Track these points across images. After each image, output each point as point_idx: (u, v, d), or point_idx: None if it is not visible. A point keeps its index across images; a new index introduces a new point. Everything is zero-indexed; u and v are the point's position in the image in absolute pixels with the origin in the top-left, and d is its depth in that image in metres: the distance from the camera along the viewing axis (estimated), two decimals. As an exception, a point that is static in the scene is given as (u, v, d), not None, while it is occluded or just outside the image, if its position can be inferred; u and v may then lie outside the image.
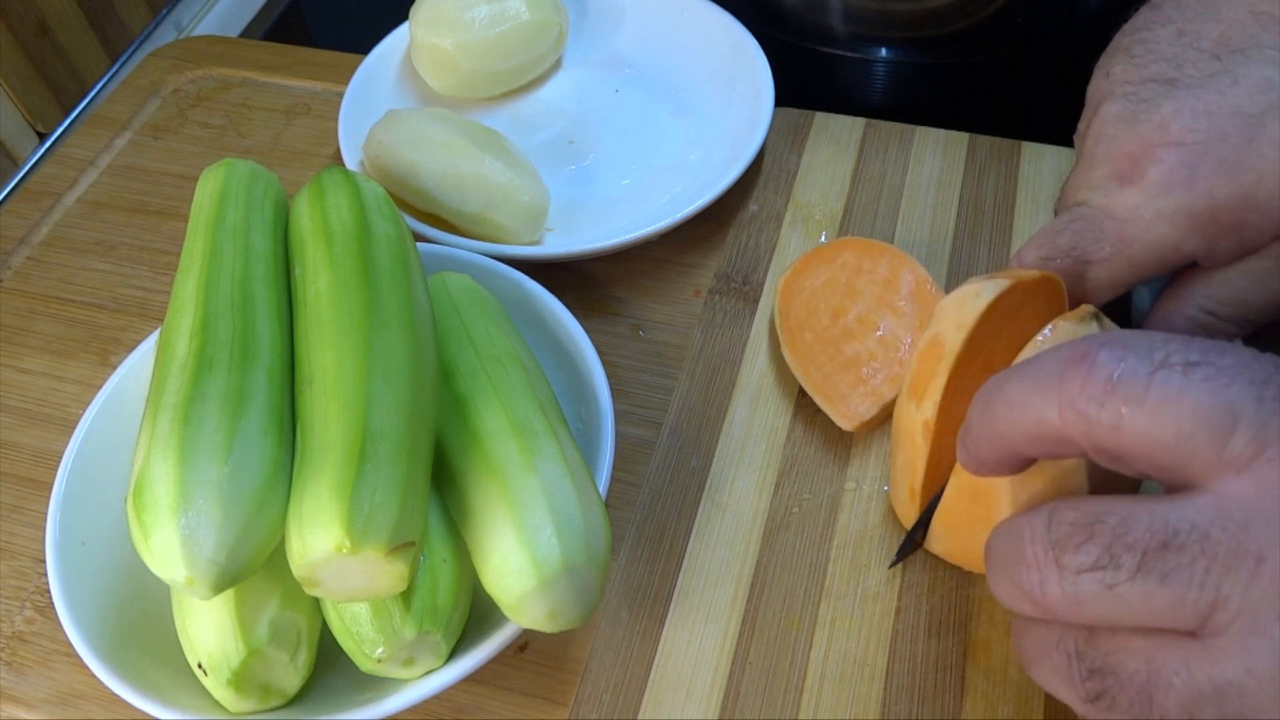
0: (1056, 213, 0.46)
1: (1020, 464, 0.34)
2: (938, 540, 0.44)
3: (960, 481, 0.41)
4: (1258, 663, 0.27)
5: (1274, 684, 0.27)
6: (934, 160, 0.61)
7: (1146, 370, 0.29)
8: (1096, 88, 0.47)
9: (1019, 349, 0.39)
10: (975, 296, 0.41)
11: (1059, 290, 0.43)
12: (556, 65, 0.70)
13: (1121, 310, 0.44)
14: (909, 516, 0.45)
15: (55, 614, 0.42)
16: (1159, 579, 0.28)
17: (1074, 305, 0.42)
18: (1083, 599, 0.30)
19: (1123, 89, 0.44)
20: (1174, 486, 0.30)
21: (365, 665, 0.39)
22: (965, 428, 0.35)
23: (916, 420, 0.42)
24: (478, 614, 0.42)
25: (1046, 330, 0.38)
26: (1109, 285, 0.43)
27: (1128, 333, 0.31)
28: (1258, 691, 0.27)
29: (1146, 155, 0.42)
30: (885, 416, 0.49)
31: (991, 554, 0.33)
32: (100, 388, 0.49)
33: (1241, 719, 0.28)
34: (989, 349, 0.42)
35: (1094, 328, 0.38)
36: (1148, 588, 0.28)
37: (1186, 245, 0.41)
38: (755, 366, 0.53)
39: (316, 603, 0.41)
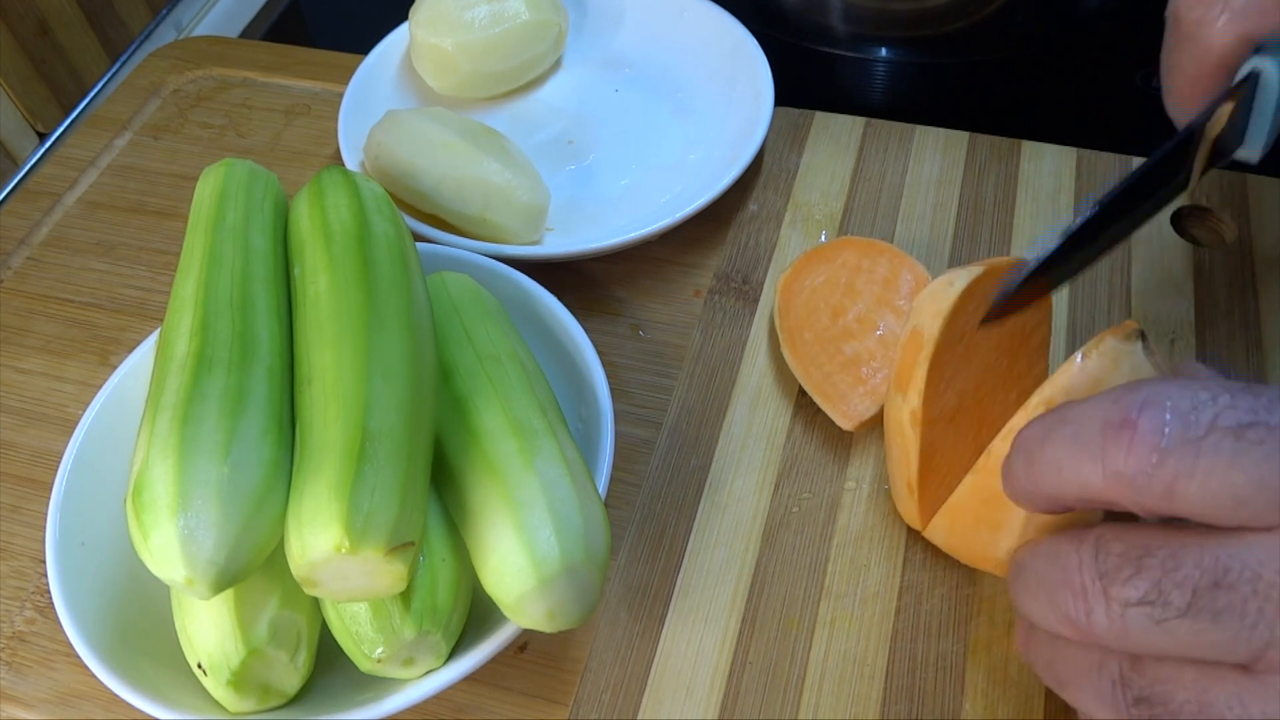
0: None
1: (1068, 509, 0.33)
2: (941, 533, 0.44)
3: (976, 483, 0.41)
4: None
5: None
6: (934, 159, 0.61)
7: (1195, 437, 0.28)
8: None
9: (1003, 333, 0.41)
10: (949, 285, 0.42)
11: None
12: (556, 65, 0.70)
13: (1245, 101, 0.42)
14: (910, 513, 0.45)
15: (55, 614, 0.42)
16: (1210, 617, 0.28)
17: (1257, 11, 0.41)
18: (1131, 632, 0.29)
19: None
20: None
21: (365, 665, 0.39)
22: (1008, 473, 0.34)
23: (904, 411, 0.43)
24: (478, 614, 0.42)
25: (1079, 356, 0.36)
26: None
27: (1168, 385, 0.29)
28: None
29: None
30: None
31: (1027, 573, 0.33)
32: (100, 388, 0.49)
33: None
34: (968, 334, 0.43)
35: (1137, 348, 0.36)
36: (1199, 625, 0.28)
37: None
38: (755, 366, 0.53)
39: (316, 603, 0.41)
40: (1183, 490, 0.28)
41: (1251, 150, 0.44)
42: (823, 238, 0.58)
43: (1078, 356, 0.36)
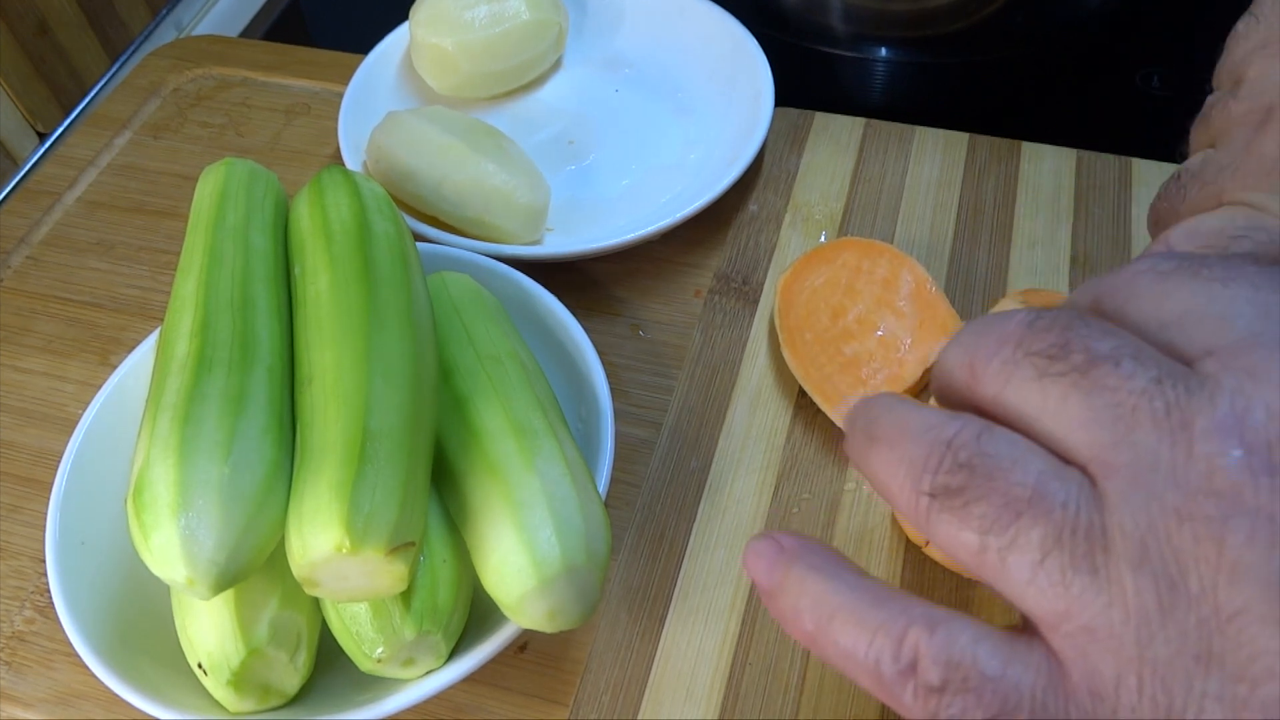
0: (1166, 196, 0.39)
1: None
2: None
3: None
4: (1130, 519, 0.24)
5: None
6: (934, 160, 0.61)
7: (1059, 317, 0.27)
8: (1275, 76, 0.37)
9: None
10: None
11: None
12: (556, 65, 0.70)
13: None
14: (912, 530, 0.45)
15: (55, 614, 0.42)
16: (1089, 389, 0.25)
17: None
18: (1015, 377, 0.26)
19: None
20: None
21: (365, 665, 0.39)
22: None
23: None
24: (478, 614, 0.42)
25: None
26: None
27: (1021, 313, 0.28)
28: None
29: None
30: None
31: (890, 448, 0.28)
32: (100, 387, 0.49)
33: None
34: None
35: None
36: (1080, 391, 0.25)
37: None
38: (755, 367, 0.53)
39: (316, 603, 0.41)
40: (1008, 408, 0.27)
41: None
42: (823, 238, 0.58)
43: None
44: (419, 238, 0.53)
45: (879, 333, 0.50)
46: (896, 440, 0.28)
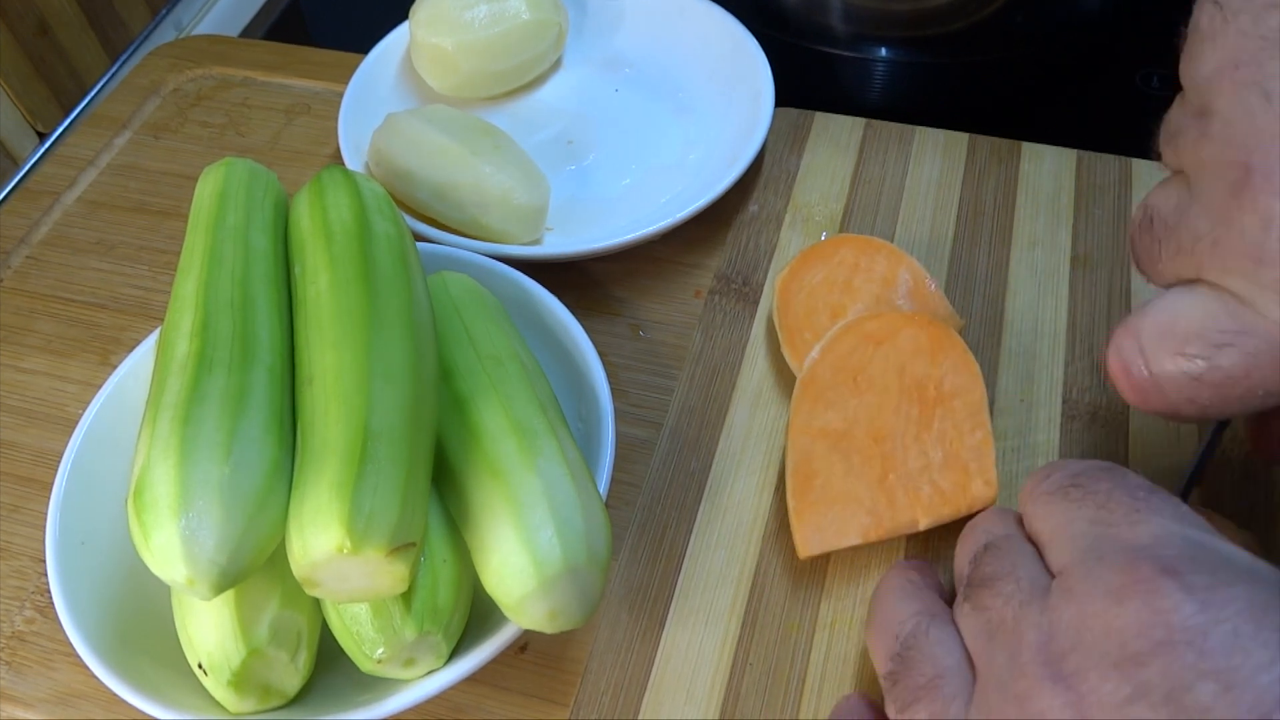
0: (1141, 241, 0.36)
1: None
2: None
3: None
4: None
5: None
6: (934, 161, 0.61)
7: (1049, 490, 0.35)
8: (1251, 118, 0.32)
9: (906, 384, 0.47)
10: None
11: None
12: (556, 65, 0.70)
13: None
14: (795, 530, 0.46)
15: (55, 614, 0.42)
16: (980, 607, 0.33)
17: (1168, 414, 0.36)
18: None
19: None
20: None
21: (365, 665, 0.39)
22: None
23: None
24: (478, 614, 0.42)
25: None
26: (1251, 406, 0.34)
27: (1090, 463, 0.35)
28: None
29: None
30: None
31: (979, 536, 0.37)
32: (100, 387, 0.49)
33: None
34: (862, 369, 0.48)
35: None
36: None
37: None
38: (755, 367, 0.53)
39: (317, 603, 0.41)
40: (1029, 524, 0.35)
41: None
42: (823, 239, 0.58)
43: None
44: (419, 238, 0.53)
45: (879, 332, 0.50)
46: (881, 628, 0.37)
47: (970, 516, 0.43)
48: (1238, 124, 0.32)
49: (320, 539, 0.34)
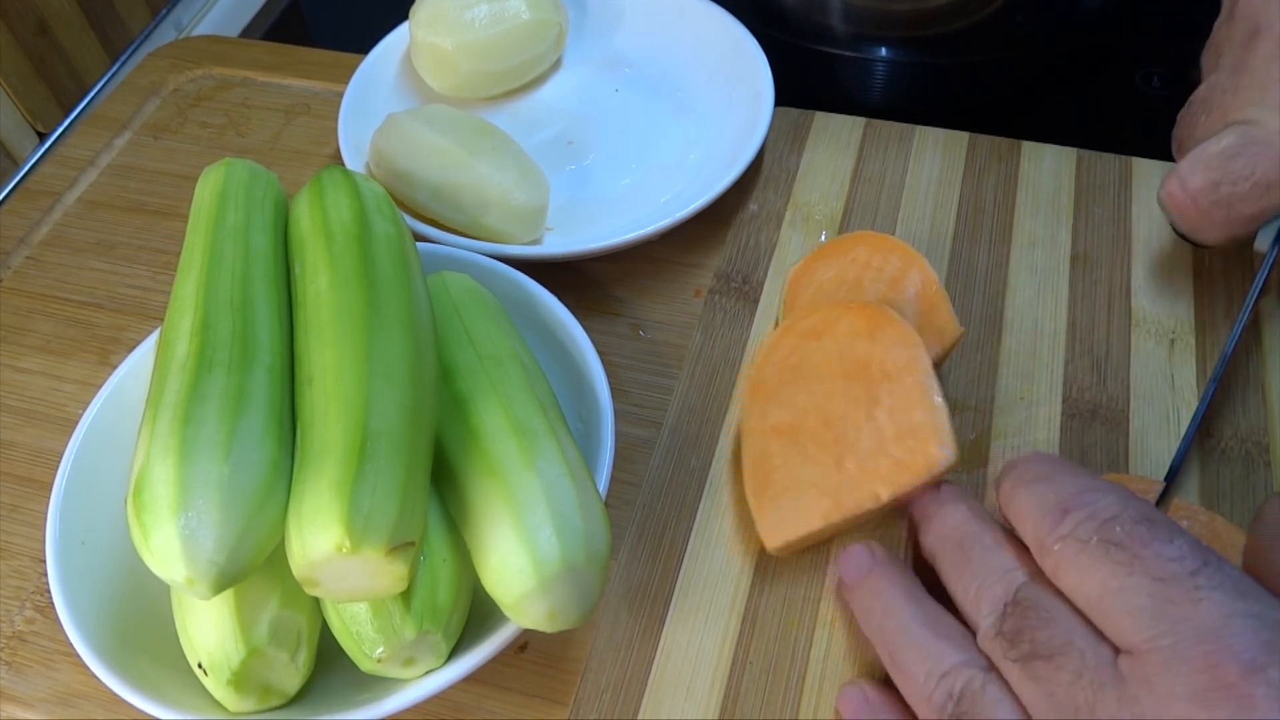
0: (1183, 123, 0.49)
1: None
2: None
3: None
4: None
5: None
6: (934, 160, 0.61)
7: (1084, 537, 0.34)
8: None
9: (848, 367, 0.47)
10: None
11: None
12: (556, 65, 0.70)
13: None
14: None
15: (55, 614, 0.42)
16: (1034, 676, 0.33)
17: (1218, 233, 0.46)
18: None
19: None
20: None
21: (365, 665, 0.39)
22: (1001, 485, 0.39)
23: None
24: (478, 614, 0.42)
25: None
26: (1265, 204, 0.45)
27: (1111, 496, 0.35)
28: None
29: None
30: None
31: (980, 571, 0.38)
32: (100, 387, 0.49)
33: None
34: (808, 363, 0.48)
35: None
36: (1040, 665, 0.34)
37: None
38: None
39: (316, 602, 0.41)
40: (1063, 575, 0.34)
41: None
42: (823, 238, 0.58)
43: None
44: (419, 238, 0.53)
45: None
46: (915, 668, 0.37)
47: (932, 484, 0.43)
48: (1253, 3, 0.46)
49: (319, 538, 0.34)
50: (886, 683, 0.40)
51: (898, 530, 0.46)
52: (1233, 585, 0.32)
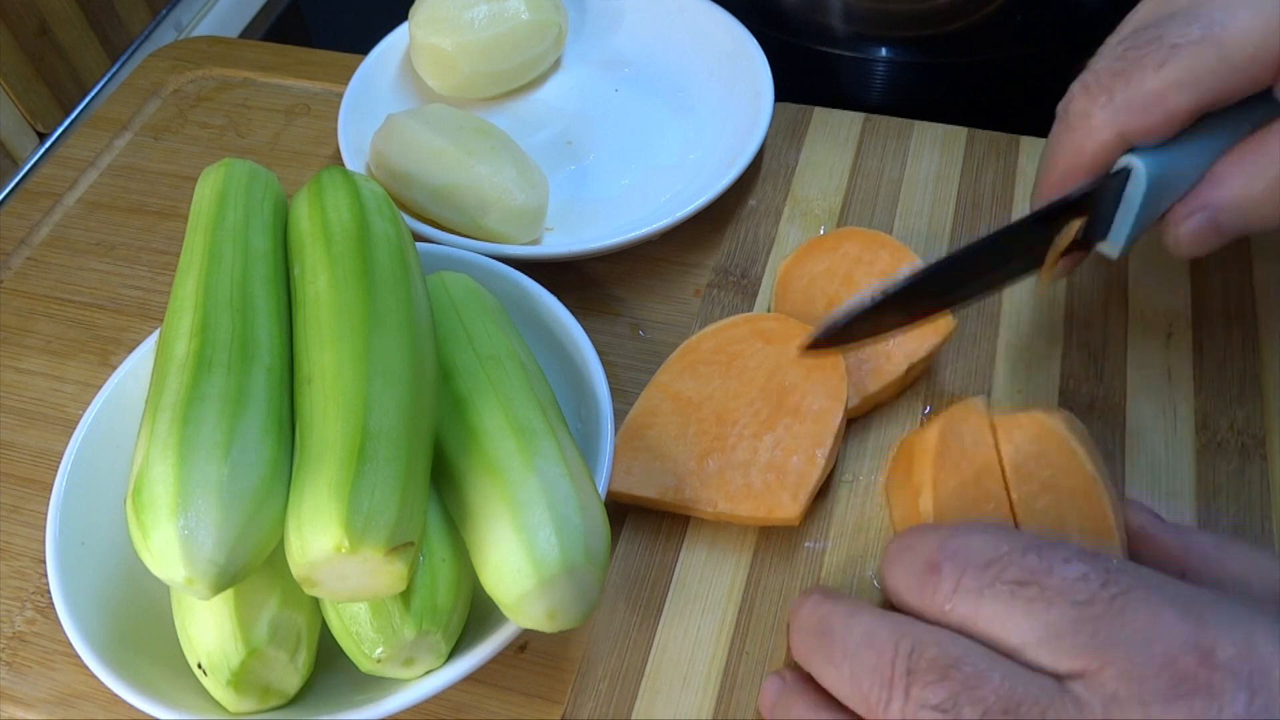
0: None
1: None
2: None
3: (905, 513, 0.46)
4: None
5: None
6: (932, 155, 0.61)
7: (979, 586, 0.33)
8: None
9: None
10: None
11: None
12: (556, 65, 0.70)
13: (1115, 187, 0.42)
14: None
15: (55, 614, 0.42)
16: None
17: (1137, 110, 0.41)
18: None
19: None
20: None
21: (365, 665, 0.39)
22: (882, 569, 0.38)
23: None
24: (478, 614, 0.42)
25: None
26: (1190, 80, 0.40)
27: (982, 538, 0.35)
28: None
29: None
30: (870, 408, 0.50)
31: (834, 641, 0.36)
32: (100, 388, 0.49)
33: None
34: (729, 348, 0.50)
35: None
36: None
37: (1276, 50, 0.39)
38: (754, 365, 0.53)
39: (316, 603, 0.41)
40: (971, 629, 0.33)
41: (1113, 246, 0.45)
42: (821, 232, 0.58)
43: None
44: (419, 238, 0.53)
45: (871, 326, 0.50)
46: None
47: (768, 525, 0.46)
48: None
49: (319, 538, 0.34)
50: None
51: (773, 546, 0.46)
52: (1140, 582, 0.32)
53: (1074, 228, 0.43)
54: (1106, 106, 0.42)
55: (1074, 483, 0.41)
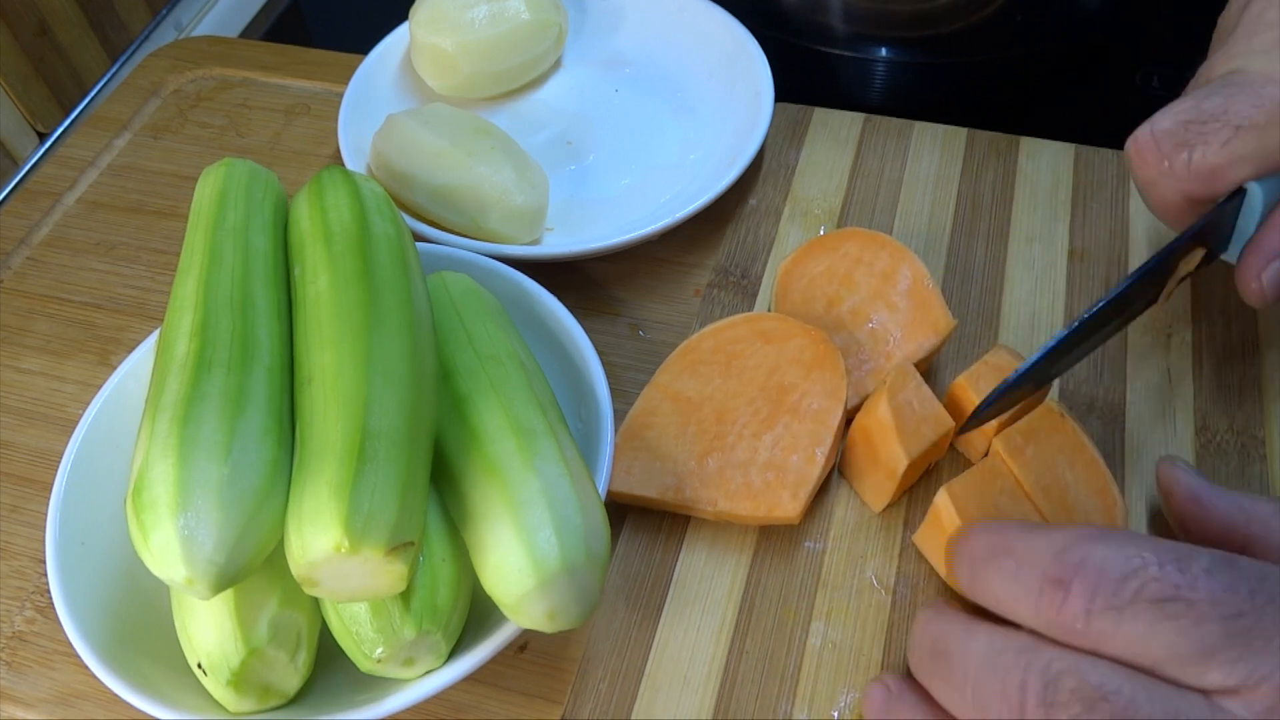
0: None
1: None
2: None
3: (878, 493, 0.47)
4: None
5: None
6: (932, 155, 0.61)
7: (1118, 604, 0.31)
8: None
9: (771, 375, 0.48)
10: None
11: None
12: (556, 65, 0.70)
13: (1232, 211, 0.43)
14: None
15: (55, 614, 0.42)
16: None
17: (1201, 180, 0.42)
18: None
19: None
20: None
21: (365, 665, 0.39)
22: (955, 572, 0.38)
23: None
24: (478, 614, 0.42)
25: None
26: (1253, 156, 0.40)
27: (1107, 546, 0.32)
28: None
29: None
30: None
31: (955, 664, 0.34)
32: (100, 388, 0.49)
33: None
34: (733, 348, 0.50)
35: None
36: None
37: None
38: (754, 365, 0.53)
39: (316, 603, 0.41)
40: (1108, 649, 0.31)
41: (1232, 253, 0.45)
42: (821, 232, 0.58)
43: None
44: (419, 238, 0.53)
45: (870, 325, 0.50)
46: None
47: (768, 525, 0.46)
48: None
49: (319, 538, 0.34)
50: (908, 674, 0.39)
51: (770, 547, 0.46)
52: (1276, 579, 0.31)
53: (1197, 257, 0.44)
54: (1168, 175, 0.42)
55: (1062, 441, 0.44)
